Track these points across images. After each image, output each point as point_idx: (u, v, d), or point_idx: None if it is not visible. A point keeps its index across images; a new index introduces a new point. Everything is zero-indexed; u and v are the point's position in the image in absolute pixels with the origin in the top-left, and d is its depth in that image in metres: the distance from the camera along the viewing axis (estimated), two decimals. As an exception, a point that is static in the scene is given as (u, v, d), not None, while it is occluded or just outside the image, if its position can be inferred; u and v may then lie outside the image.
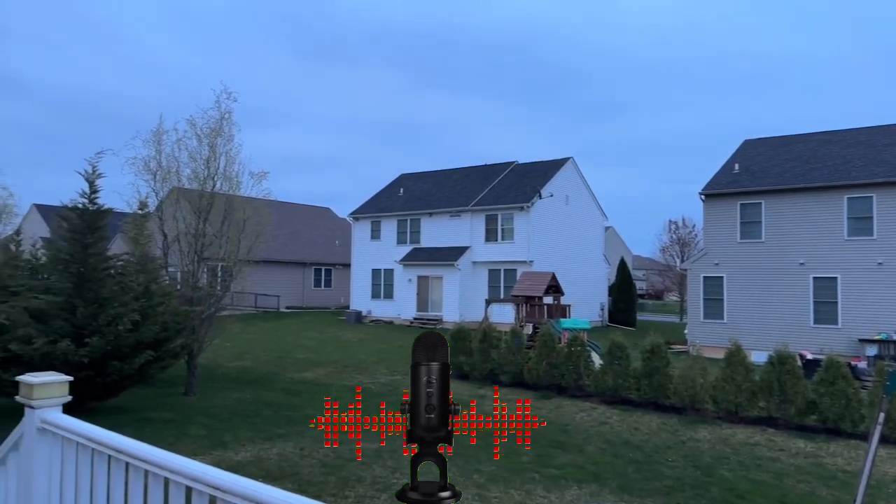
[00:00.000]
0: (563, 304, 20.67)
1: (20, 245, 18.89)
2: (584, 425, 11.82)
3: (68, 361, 10.08)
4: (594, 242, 37.16)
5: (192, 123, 14.51)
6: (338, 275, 46.26)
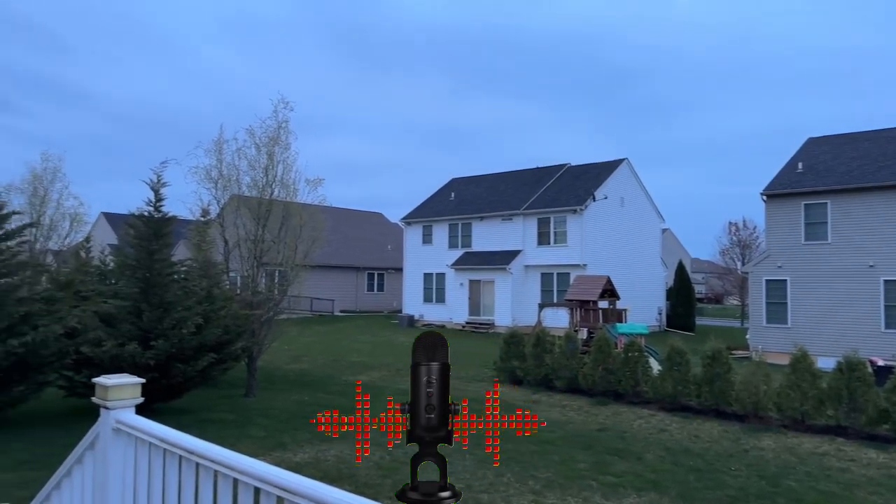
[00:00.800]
0: (619, 308, 20.31)
1: (90, 252, 19.78)
2: (642, 432, 11.57)
3: (135, 363, 10.50)
4: (651, 245, 36.39)
5: (251, 133, 14.94)
6: (390, 279, 46.71)
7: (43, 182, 29.93)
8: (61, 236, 30.92)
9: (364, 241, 48.21)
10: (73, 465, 3.22)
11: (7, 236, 10.94)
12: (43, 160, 30.58)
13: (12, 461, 8.40)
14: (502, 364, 16.51)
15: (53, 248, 30.53)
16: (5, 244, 10.92)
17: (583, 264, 30.23)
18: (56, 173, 30.34)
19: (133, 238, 12.02)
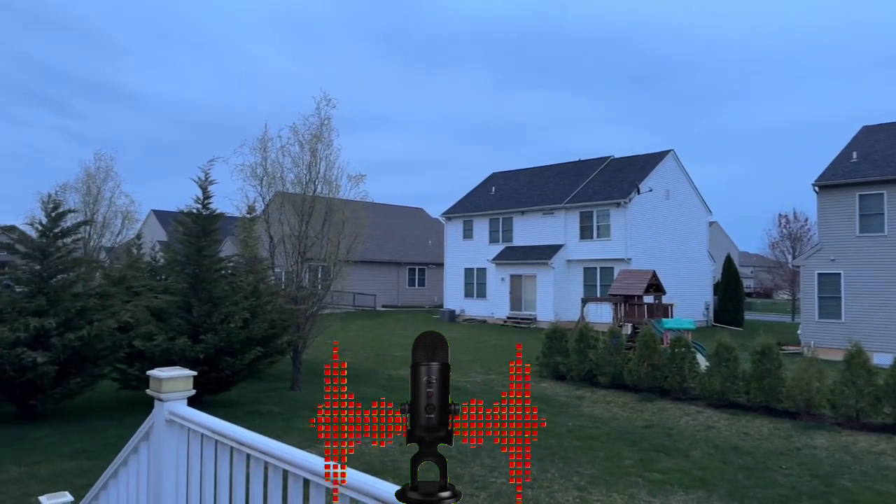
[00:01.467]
0: (665, 303, 19.93)
1: (141, 248, 20.39)
2: (689, 429, 11.36)
3: (185, 357, 10.78)
4: (697, 238, 35.60)
5: (295, 130, 15.14)
6: (431, 274, 46.86)
7: (96, 181, 30.91)
8: (114, 233, 31.89)
9: (405, 237, 48.46)
10: (129, 454, 3.31)
11: (63, 234, 11.33)
12: (96, 159, 31.59)
13: (71, 450, 8.73)
14: (545, 359, 16.41)
15: (106, 245, 31.54)
16: (62, 241, 11.32)
17: (627, 258, 29.77)
18: (108, 172, 31.29)
19: (182, 235, 12.32)
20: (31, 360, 9.45)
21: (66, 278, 11.05)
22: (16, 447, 8.80)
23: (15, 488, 7.11)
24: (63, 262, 11.07)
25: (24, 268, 10.85)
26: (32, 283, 10.65)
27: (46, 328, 9.87)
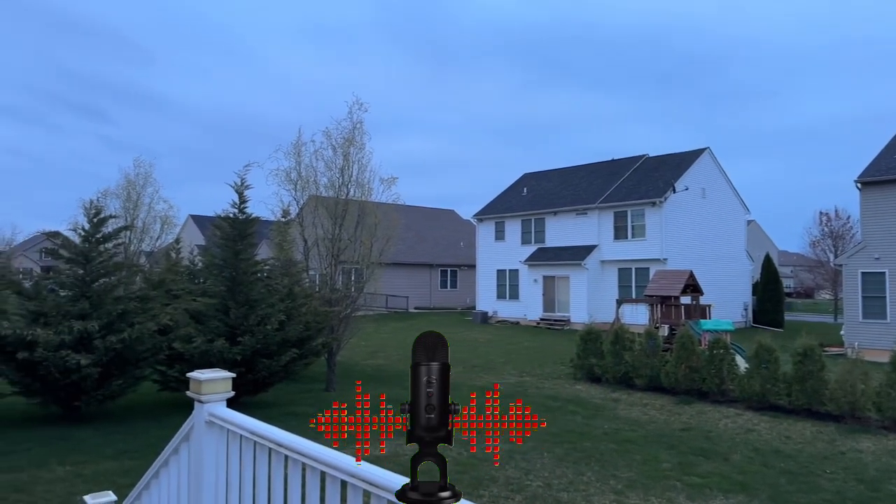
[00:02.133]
0: (703, 304, 19.57)
1: (179, 252, 20.80)
2: (728, 432, 11.12)
3: (223, 359, 10.96)
4: (735, 238, 34.89)
5: (328, 134, 15.30)
6: (463, 276, 46.84)
7: (136, 187, 31.69)
8: (153, 238, 32.64)
9: (437, 239, 48.55)
10: (169, 455, 3.37)
11: (105, 239, 11.63)
12: (135, 166, 32.40)
13: (113, 450, 8.94)
14: (579, 361, 16.25)
15: (146, 250, 32.29)
16: (104, 246, 11.61)
17: (663, 259, 29.33)
18: (147, 178, 32.06)
19: (219, 239, 12.54)
20: (75, 363, 9.70)
21: (107, 282, 11.32)
22: (61, 447, 9.04)
23: (61, 487, 7.30)
24: (105, 266, 11.35)
25: (68, 272, 11.16)
26: (76, 287, 10.95)
27: (89, 331, 10.13)
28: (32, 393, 10.43)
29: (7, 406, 11.09)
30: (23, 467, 8.01)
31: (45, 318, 10.44)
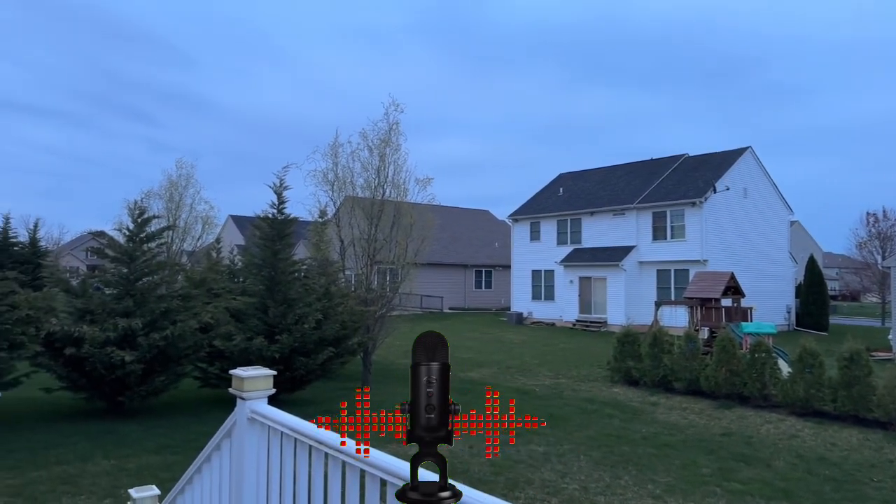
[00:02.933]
0: (744, 306, 19.13)
1: (220, 252, 21.21)
2: (770, 438, 10.85)
3: (262, 356, 11.13)
4: (778, 239, 34.04)
5: (364, 135, 15.42)
6: (498, 276, 46.71)
7: (178, 188, 32.45)
8: (194, 238, 33.36)
9: (472, 239, 48.51)
10: (211, 451, 3.43)
11: (148, 238, 11.92)
12: (177, 167, 33.18)
13: (156, 445, 9.15)
14: (616, 364, 16.04)
15: (188, 249, 33.01)
16: (147, 246, 11.90)
17: (703, 260, 28.78)
18: (189, 179, 32.81)
19: (259, 239, 12.74)
20: (120, 359, 9.96)
21: (151, 281, 11.60)
22: (106, 441, 9.29)
23: (106, 480, 7.50)
24: (148, 265, 11.63)
25: (113, 271, 11.47)
26: (121, 285, 11.24)
27: (133, 328, 10.39)
28: (79, 388, 10.74)
29: (55, 400, 11.45)
30: (70, 460, 8.25)
31: (91, 315, 10.75)
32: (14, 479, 7.38)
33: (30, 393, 11.47)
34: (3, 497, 6.78)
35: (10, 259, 22.78)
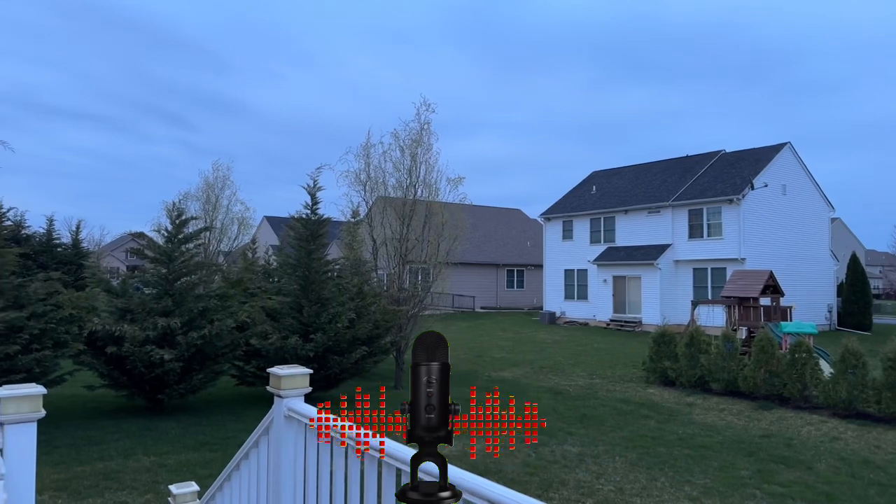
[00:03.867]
0: (783, 305, 18.71)
1: (255, 252, 21.53)
2: (811, 440, 10.58)
3: (297, 355, 11.26)
4: (818, 236, 33.19)
5: (396, 136, 15.50)
6: (530, 276, 46.48)
7: (214, 189, 33.09)
8: (230, 238, 33.98)
9: (504, 238, 48.37)
10: (250, 448, 3.48)
11: (186, 239, 12.15)
12: (214, 170, 33.84)
13: (194, 442, 9.32)
14: (652, 364, 15.82)
15: (224, 250, 33.63)
16: (185, 246, 12.13)
17: (741, 258, 28.22)
18: (225, 181, 33.44)
19: (293, 239, 12.90)
20: (159, 357, 10.18)
21: (189, 281, 11.83)
22: (146, 438, 9.51)
23: (146, 476, 7.67)
24: (186, 265, 11.86)
25: (153, 271, 11.72)
26: (160, 285, 11.49)
27: (172, 327, 10.60)
28: (120, 386, 11.01)
29: (97, 398, 11.76)
30: (112, 456, 8.46)
31: (131, 314, 11.01)
32: (59, 474, 7.60)
33: (73, 390, 11.80)
34: (49, 491, 6.98)
35: (53, 260, 23.45)
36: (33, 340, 9.42)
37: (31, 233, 24.83)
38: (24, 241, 22.55)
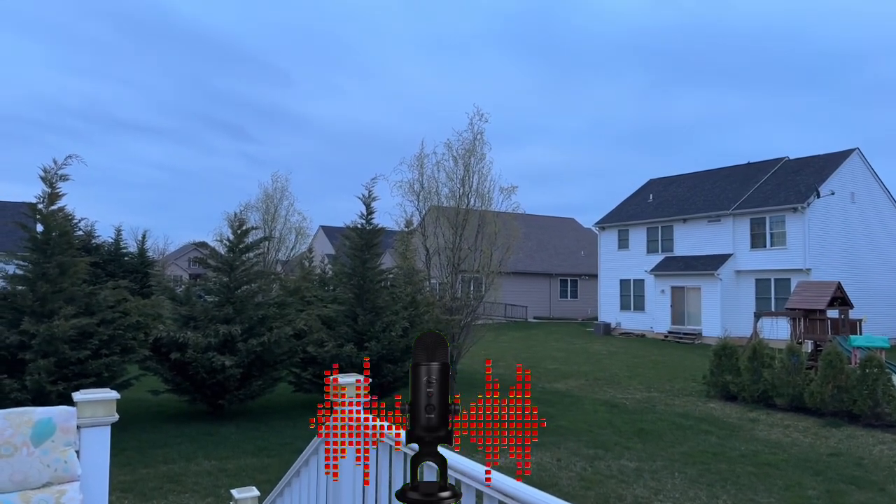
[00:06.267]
0: (853, 318, 17.89)
1: (312, 261, 21.96)
2: (884, 460, 10.05)
3: (352, 363, 11.40)
4: (890, 246, 31.61)
5: (449, 146, 15.61)
6: (583, 286, 45.84)
7: (273, 200, 33.98)
8: (288, 248, 34.79)
9: (557, 248, 47.90)
10: (310, 455, 3.52)
11: (247, 249, 12.50)
12: (273, 181, 34.78)
13: (253, 447, 9.54)
14: (713, 378, 15.35)
15: (282, 259, 34.44)
16: (246, 256, 12.48)
17: (806, 269, 27.15)
18: (283, 192, 34.30)
19: (348, 248, 13.10)
20: (220, 364, 10.48)
21: (249, 289, 12.15)
22: (207, 442, 9.78)
23: (207, 480, 7.89)
24: (247, 274, 12.19)
25: (215, 279, 12.09)
26: (221, 293, 11.83)
27: (233, 334, 10.91)
28: (183, 391, 11.38)
29: (162, 402, 12.17)
30: (175, 460, 8.74)
31: (194, 321, 11.37)
32: (126, 476, 7.89)
33: (139, 395, 12.25)
34: (117, 492, 7.25)
35: (121, 268, 24.48)
36: (102, 346, 9.83)
37: (101, 242, 25.99)
38: (94, 250, 23.59)
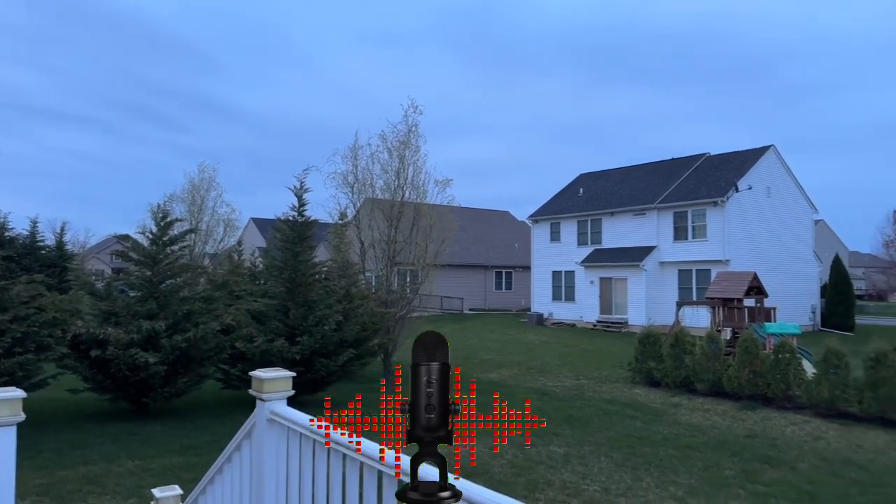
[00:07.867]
0: (767, 306, 18.88)
1: (241, 254, 21.40)
2: (794, 440, 10.70)
3: (283, 358, 11.22)
4: (802, 238, 33.53)
5: (384, 138, 15.53)
6: (518, 277, 46.59)
7: (200, 191, 32.90)
8: (216, 240, 33.78)
9: (492, 240, 48.45)
10: (232, 451, 3.47)
11: (171, 241, 12.07)
12: (200, 171, 33.65)
13: (179, 446, 9.26)
14: (638, 365, 15.92)
15: (210, 252, 33.42)
16: (170, 249, 12.05)
17: (725, 260, 28.46)
18: (211, 183, 33.25)
19: (279, 241, 12.86)
20: (144, 361, 10.11)
21: (174, 283, 11.75)
22: (130, 442, 9.44)
23: (130, 480, 7.62)
24: (171, 268, 11.79)
25: (137, 274, 11.64)
26: (144, 288, 11.41)
27: (157, 330, 10.54)
28: (104, 389, 10.92)
29: (81, 402, 11.65)
30: (96, 461, 8.39)
31: (115, 317, 10.93)
32: (42, 479, 7.53)
33: (56, 394, 11.68)
34: (32, 496, 6.91)
35: (37, 262, 23.16)
36: (15, 344, 9.32)
37: (15, 235, 24.49)
38: (8, 243, 22.24)
